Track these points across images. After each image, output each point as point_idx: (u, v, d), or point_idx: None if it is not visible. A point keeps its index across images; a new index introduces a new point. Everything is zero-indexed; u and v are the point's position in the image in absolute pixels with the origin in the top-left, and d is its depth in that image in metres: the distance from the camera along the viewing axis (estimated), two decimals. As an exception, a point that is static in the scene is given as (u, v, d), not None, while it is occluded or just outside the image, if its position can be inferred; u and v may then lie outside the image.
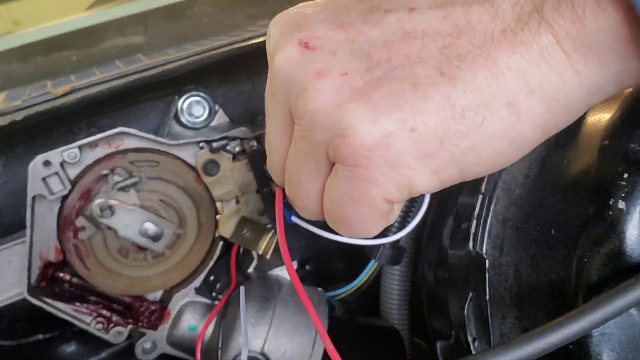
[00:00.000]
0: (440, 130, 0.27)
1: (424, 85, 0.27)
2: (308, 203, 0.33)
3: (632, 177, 0.28)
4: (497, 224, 0.36)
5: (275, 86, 0.31)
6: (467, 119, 0.27)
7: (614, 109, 0.31)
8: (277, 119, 0.33)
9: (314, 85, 0.28)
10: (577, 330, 0.25)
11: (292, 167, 0.33)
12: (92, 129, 0.53)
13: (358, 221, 0.31)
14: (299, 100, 0.29)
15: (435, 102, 0.27)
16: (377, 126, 0.27)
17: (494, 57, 0.26)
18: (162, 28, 1.00)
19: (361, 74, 0.28)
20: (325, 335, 0.33)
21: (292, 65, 0.29)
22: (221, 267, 0.53)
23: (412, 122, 0.27)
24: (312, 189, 0.32)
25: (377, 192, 0.29)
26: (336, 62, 0.28)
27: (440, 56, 0.27)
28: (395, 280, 0.54)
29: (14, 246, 0.48)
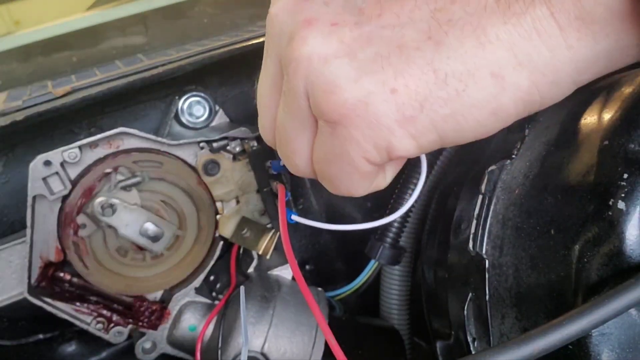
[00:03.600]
0: (421, 94, 0.27)
1: (409, 48, 0.27)
2: (298, 160, 0.33)
3: (631, 177, 0.28)
4: (497, 224, 0.36)
5: (268, 36, 0.31)
6: (449, 85, 0.27)
7: (614, 109, 0.31)
8: (268, 73, 0.33)
9: (302, 33, 0.28)
10: (577, 330, 0.25)
11: (282, 123, 0.33)
12: (93, 129, 0.53)
13: (342, 179, 0.32)
14: (286, 49, 0.29)
15: (418, 66, 0.27)
16: (358, 85, 0.27)
17: (483, 26, 0.26)
18: (162, 28, 1.00)
19: (350, 27, 0.28)
20: (328, 330, 0.33)
21: (284, 13, 0.30)
22: (221, 267, 0.53)
23: (393, 84, 0.27)
24: (301, 146, 0.32)
25: (357, 151, 0.29)
26: (327, 11, 0.28)
27: (430, 19, 0.27)
28: (395, 280, 0.54)
29: (14, 246, 0.48)
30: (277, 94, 0.32)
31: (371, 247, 0.50)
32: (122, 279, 0.51)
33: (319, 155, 0.32)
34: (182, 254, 0.52)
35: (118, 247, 0.51)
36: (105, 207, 0.48)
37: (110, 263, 0.51)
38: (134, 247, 0.51)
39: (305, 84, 0.29)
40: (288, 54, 0.29)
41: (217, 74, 0.56)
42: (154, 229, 0.49)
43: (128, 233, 0.49)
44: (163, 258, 0.51)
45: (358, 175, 0.31)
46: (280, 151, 0.34)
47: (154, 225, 0.49)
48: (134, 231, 0.49)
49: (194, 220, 0.51)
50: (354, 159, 0.30)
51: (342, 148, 0.29)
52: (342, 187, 0.32)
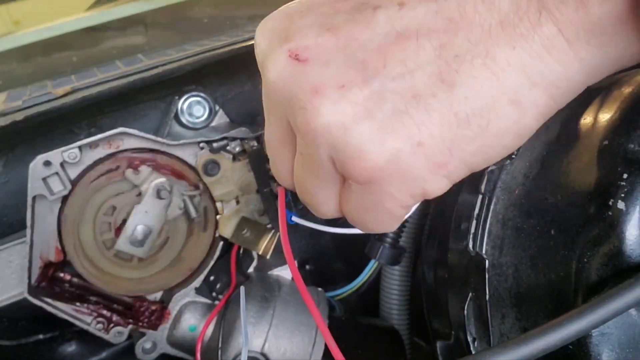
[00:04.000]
0: (448, 140, 0.27)
1: (424, 97, 0.26)
2: (325, 210, 0.33)
3: (631, 177, 0.28)
4: (497, 224, 0.36)
5: (270, 101, 0.31)
6: (473, 124, 0.27)
7: (614, 109, 0.31)
8: (276, 132, 0.32)
9: (313, 104, 0.27)
10: (577, 330, 0.25)
11: (302, 179, 0.32)
12: (93, 129, 0.53)
13: (376, 224, 0.32)
14: (298, 118, 0.28)
15: (439, 113, 0.26)
16: (384, 146, 0.27)
17: (492, 54, 0.26)
18: (162, 28, 1.00)
19: (359, 86, 0.27)
20: (326, 331, 0.33)
21: (285, 82, 0.28)
22: (221, 267, 0.53)
23: (418, 137, 0.27)
24: (327, 198, 0.32)
25: (393, 203, 0.29)
26: (330, 74, 0.27)
27: (437, 60, 0.26)
28: (395, 280, 0.54)
29: (14, 246, 0.48)
30: (289, 148, 0.32)
31: (371, 247, 0.50)
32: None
33: (350, 207, 0.31)
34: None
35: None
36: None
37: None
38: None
39: (327, 151, 0.28)
40: (303, 125, 0.28)
41: (217, 74, 0.56)
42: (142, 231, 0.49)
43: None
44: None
45: (393, 218, 0.31)
46: (303, 200, 0.34)
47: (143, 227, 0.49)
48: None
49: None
50: (390, 209, 0.30)
51: (377, 202, 0.29)
52: (376, 229, 0.32)
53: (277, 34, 0.29)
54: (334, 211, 0.33)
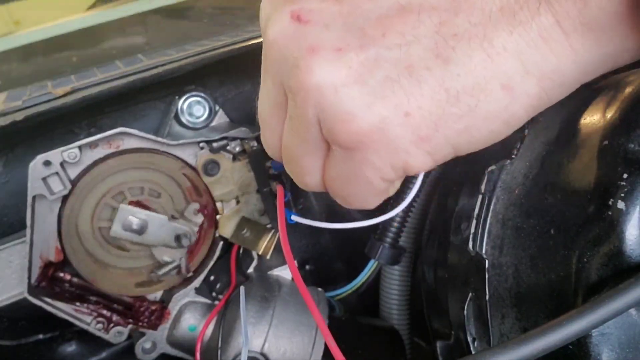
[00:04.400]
0: (435, 114, 0.27)
1: (418, 68, 0.27)
2: (309, 179, 0.33)
3: (631, 177, 0.28)
4: (497, 224, 0.36)
5: (267, 61, 0.31)
6: (462, 102, 0.27)
7: (614, 109, 0.31)
8: (269, 94, 0.32)
9: (307, 62, 0.27)
10: (577, 330, 0.25)
11: (289, 145, 0.32)
12: (93, 129, 0.53)
13: (357, 196, 0.32)
14: (291, 77, 0.28)
15: (430, 86, 0.27)
16: (372, 112, 0.27)
17: (490, 37, 0.26)
18: (162, 28, 1.00)
19: (355, 51, 0.27)
20: (327, 331, 0.33)
21: (284, 39, 0.28)
22: (221, 267, 0.53)
23: (406, 107, 0.27)
24: (312, 166, 0.32)
25: (374, 173, 0.30)
26: (329, 37, 0.27)
27: (435, 35, 0.26)
28: (395, 280, 0.54)
29: (14, 246, 0.48)
30: (280, 114, 0.32)
31: (371, 247, 0.50)
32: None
33: (332, 175, 0.32)
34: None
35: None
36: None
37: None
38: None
39: (316, 112, 0.28)
40: (294, 83, 0.28)
41: (217, 74, 0.56)
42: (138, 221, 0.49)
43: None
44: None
45: (373, 192, 0.31)
46: (289, 169, 0.34)
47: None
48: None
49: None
50: (371, 180, 0.30)
51: (358, 170, 0.30)
52: (356, 203, 0.33)
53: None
54: (317, 181, 0.33)
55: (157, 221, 0.49)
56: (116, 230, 0.49)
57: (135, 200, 0.49)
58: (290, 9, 0.28)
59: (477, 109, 0.27)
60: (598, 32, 0.25)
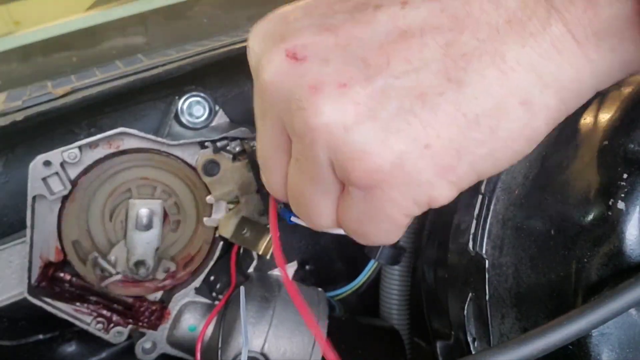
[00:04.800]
0: (456, 141, 0.26)
1: (431, 95, 0.25)
2: (321, 221, 0.32)
3: (631, 177, 0.28)
4: (497, 224, 0.36)
5: (264, 104, 0.29)
6: (482, 125, 0.25)
7: (614, 110, 0.31)
8: (270, 137, 0.30)
9: (312, 102, 0.26)
10: (577, 330, 0.25)
11: (297, 187, 0.31)
12: (93, 129, 0.53)
13: (378, 236, 0.30)
14: (295, 119, 0.27)
15: (446, 113, 0.25)
16: (388, 147, 0.25)
17: (501, 52, 0.24)
18: (162, 28, 1.00)
19: (361, 84, 0.25)
20: (319, 333, 0.33)
21: (282, 81, 0.27)
22: (221, 267, 0.53)
23: (425, 138, 0.25)
24: (324, 207, 0.31)
25: (396, 210, 0.28)
26: (330, 72, 0.26)
27: (444, 58, 0.25)
28: (395, 280, 0.54)
29: (14, 246, 0.48)
30: (284, 156, 0.31)
31: (371, 247, 0.50)
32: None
33: (349, 216, 0.30)
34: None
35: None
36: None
37: None
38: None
39: (327, 153, 0.27)
40: (300, 125, 0.26)
41: (217, 74, 0.56)
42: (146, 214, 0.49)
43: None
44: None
45: (395, 228, 0.30)
46: (298, 211, 0.33)
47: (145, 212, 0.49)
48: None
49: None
50: (393, 217, 0.28)
51: (379, 209, 0.28)
52: (377, 240, 0.31)
53: (272, 36, 0.28)
54: (331, 222, 0.32)
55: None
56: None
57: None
58: (284, 47, 0.27)
59: (498, 131, 0.25)
60: (611, 39, 0.24)
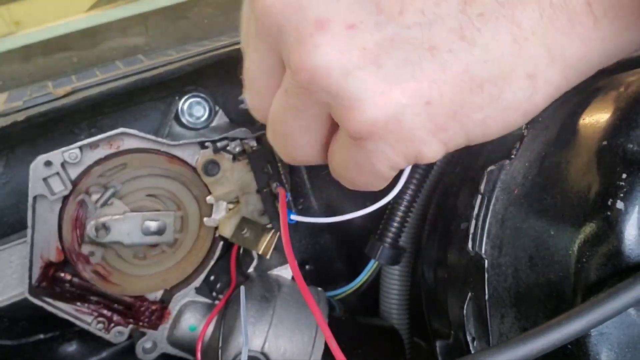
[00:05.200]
0: (457, 103, 0.25)
1: (441, 51, 0.24)
2: (298, 155, 0.31)
3: (630, 177, 0.28)
4: (496, 224, 0.36)
5: (260, 25, 0.26)
6: (485, 91, 0.25)
7: (613, 110, 0.31)
8: (261, 60, 0.29)
9: (314, 39, 0.24)
10: (576, 330, 0.25)
11: (280, 117, 0.29)
12: (93, 129, 0.53)
13: (362, 183, 0.30)
14: (293, 53, 0.25)
15: (454, 72, 0.24)
16: (390, 100, 0.24)
17: (519, 19, 0.23)
18: (162, 29, 1.00)
19: (370, 30, 0.24)
20: (327, 330, 0.33)
21: (284, 7, 0.24)
22: (221, 267, 0.53)
23: (428, 95, 0.24)
24: (305, 143, 0.30)
25: (384, 162, 0.27)
26: (340, 9, 0.24)
27: (460, 15, 0.23)
28: (395, 280, 0.54)
29: (15, 246, 0.48)
30: (273, 81, 0.29)
31: (371, 247, 0.50)
32: (153, 276, 0.52)
33: (337, 159, 0.29)
34: (195, 229, 0.52)
35: (134, 254, 0.51)
36: (99, 229, 0.48)
37: (135, 270, 0.51)
38: (147, 247, 0.51)
39: (323, 95, 0.25)
40: (297, 60, 0.25)
41: (217, 74, 0.56)
42: (155, 224, 0.49)
43: (133, 240, 0.49)
44: (179, 242, 0.52)
45: (381, 178, 0.29)
46: (275, 141, 0.31)
47: (153, 220, 0.49)
48: (138, 235, 0.49)
49: (187, 195, 0.51)
50: (380, 168, 0.28)
51: (367, 160, 0.27)
52: (361, 186, 0.30)
53: None
54: (305, 158, 0.31)
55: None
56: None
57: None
58: None
59: (499, 100, 0.25)
60: (628, 17, 0.23)
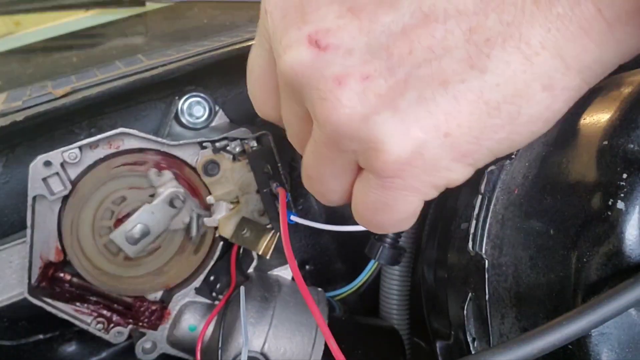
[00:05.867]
0: (476, 129, 0.25)
1: (453, 83, 0.25)
2: (334, 198, 0.32)
3: (631, 177, 0.28)
4: (497, 224, 0.36)
5: (287, 86, 0.29)
6: (503, 112, 0.25)
7: (613, 109, 0.31)
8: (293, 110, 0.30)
9: (335, 95, 0.26)
10: (576, 330, 0.25)
11: (313, 165, 0.31)
12: (93, 129, 0.53)
13: (392, 224, 0.30)
14: (317, 108, 0.27)
15: (468, 101, 0.25)
16: (409, 137, 0.25)
17: (526, 37, 0.24)
18: (162, 29, 1.00)
19: (384, 76, 0.25)
20: (327, 331, 0.33)
21: (305, 70, 0.26)
22: (221, 267, 0.53)
23: (445, 127, 0.25)
24: (337, 187, 0.31)
25: (415, 197, 0.28)
26: (354, 64, 0.25)
27: (466, 44, 0.24)
28: (395, 280, 0.54)
29: (14, 246, 0.48)
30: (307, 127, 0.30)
31: (371, 247, 0.50)
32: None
33: (364, 204, 0.30)
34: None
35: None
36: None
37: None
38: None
39: (348, 144, 0.27)
40: (323, 116, 0.26)
41: (217, 74, 0.56)
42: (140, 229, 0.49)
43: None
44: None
45: (412, 214, 0.30)
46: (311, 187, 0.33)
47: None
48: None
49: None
50: (411, 204, 0.28)
51: (397, 198, 0.28)
52: (389, 228, 0.31)
53: (292, 7, 0.27)
54: (341, 200, 0.32)
55: (146, 214, 0.48)
56: (133, 251, 0.49)
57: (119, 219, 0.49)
58: (307, 32, 0.26)
59: (519, 116, 0.25)
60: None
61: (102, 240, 0.50)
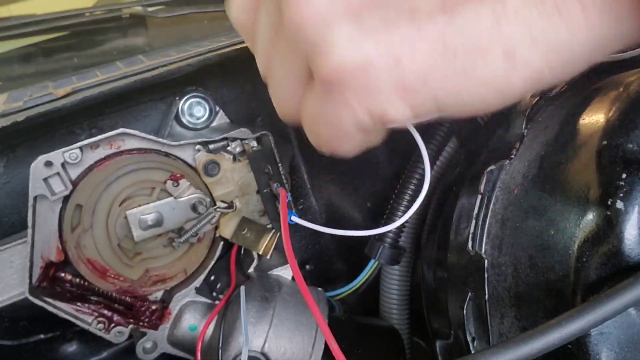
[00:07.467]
0: (427, 67, 0.25)
1: (420, 15, 0.25)
2: (286, 105, 0.32)
3: (630, 177, 0.28)
4: (496, 224, 0.36)
5: None
6: (458, 61, 0.25)
7: (612, 110, 0.31)
8: (268, 12, 0.30)
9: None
10: (576, 329, 0.25)
11: (271, 60, 0.31)
12: (94, 129, 0.53)
13: (330, 140, 0.31)
14: (285, 5, 0.27)
15: (429, 36, 0.25)
16: (360, 50, 0.26)
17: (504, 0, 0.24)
18: (162, 29, 1.00)
19: None
20: (327, 330, 0.33)
21: None
22: (221, 267, 0.53)
23: (398, 52, 0.25)
24: (292, 92, 0.31)
25: (348, 116, 0.28)
26: None
27: None
28: (395, 280, 0.54)
29: (15, 246, 0.48)
30: (272, 29, 0.31)
31: (371, 247, 0.51)
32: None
33: (308, 111, 0.30)
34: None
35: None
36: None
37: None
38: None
39: (304, 45, 0.27)
40: (289, 14, 0.27)
41: (218, 74, 0.56)
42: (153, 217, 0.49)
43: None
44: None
45: (346, 137, 0.30)
46: (271, 86, 0.33)
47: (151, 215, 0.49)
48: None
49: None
50: (345, 122, 0.28)
51: (334, 111, 0.28)
52: (328, 146, 0.31)
53: None
54: (293, 112, 0.32)
55: (167, 206, 0.49)
56: (138, 234, 0.49)
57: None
58: None
59: (472, 72, 0.25)
60: (618, 7, 0.23)
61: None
